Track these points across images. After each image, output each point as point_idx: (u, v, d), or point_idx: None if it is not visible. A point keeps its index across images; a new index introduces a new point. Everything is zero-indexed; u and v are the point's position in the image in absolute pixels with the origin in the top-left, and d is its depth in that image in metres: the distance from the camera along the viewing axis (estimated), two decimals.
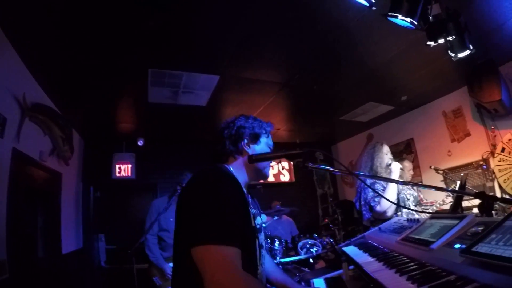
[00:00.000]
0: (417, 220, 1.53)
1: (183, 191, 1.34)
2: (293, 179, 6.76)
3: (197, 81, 3.74)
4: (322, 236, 4.73)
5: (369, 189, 2.83)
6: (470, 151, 4.71)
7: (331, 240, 4.35)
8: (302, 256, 4.03)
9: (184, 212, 1.26)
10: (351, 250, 1.70)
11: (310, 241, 4.30)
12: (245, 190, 1.43)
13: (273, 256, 4.03)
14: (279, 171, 6.75)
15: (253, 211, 1.40)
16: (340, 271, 2.01)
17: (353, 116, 5.55)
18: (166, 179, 5.52)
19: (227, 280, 1.04)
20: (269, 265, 1.62)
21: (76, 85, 3.69)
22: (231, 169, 1.45)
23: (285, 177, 6.78)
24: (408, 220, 1.72)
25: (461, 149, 4.89)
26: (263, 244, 1.46)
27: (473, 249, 0.78)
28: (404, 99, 5.06)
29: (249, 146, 1.49)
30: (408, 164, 4.30)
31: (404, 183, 2.99)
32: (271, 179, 6.61)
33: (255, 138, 1.50)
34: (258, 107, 4.67)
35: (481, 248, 0.76)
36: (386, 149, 3.01)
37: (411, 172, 4.41)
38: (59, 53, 3.08)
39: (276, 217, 4.75)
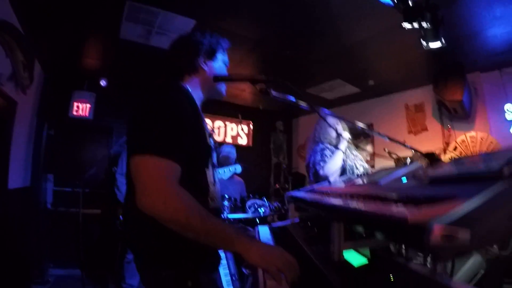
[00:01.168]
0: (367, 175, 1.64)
1: (133, 105, 1.28)
2: (250, 144, 6.80)
3: (173, 23, 3.60)
4: (271, 201, 4.87)
5: (318, 153, 2.95)
6: (424, 144, 5.00)
7: (279, 205, 4.48)
8: (249, 215, 4.12)
9: (130, 125, 1.24)
10: (299, 193, 1.77)
11: (258, 202, 4.41)
12: (200, 108, 1.41)
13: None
14: (238, 134, 6.75)
15: (206, 126, 1.39)
16: (287, 221, 2.10)
17: (319, 91, 5.63)
18: (123, 124, 5.32)
19: (159, 194, 1.02)
20: None
21: (48, 7, 3.37)
22: (188, 87, 1.40)
23: (243, 141, 6.78)
24: (357, 175, 1.84)
25: (416, 141, 5.19)
26: (216, 164, 1.47)
27: None
28: (371, 84, 5.23)
29: (205, 63, 1.44)
30: (369, 148, 4.52)
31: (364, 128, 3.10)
32: (228, 139, 6.62)
33: (211, 54, 1.46)
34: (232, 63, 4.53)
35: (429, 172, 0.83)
36: (330, 121, 3.11)
37: (368, 158, 4.62)
38: None
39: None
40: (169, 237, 1.08)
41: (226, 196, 4.25)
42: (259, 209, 4.26)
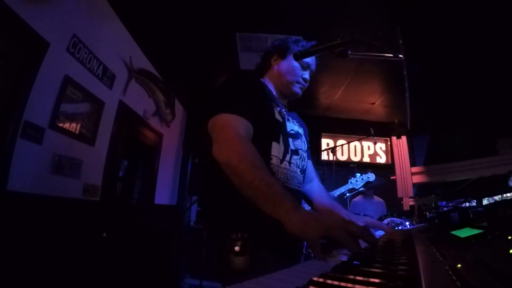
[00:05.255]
0: None
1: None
2: (390, 162, 6.20)
3: None
4: (414, 221, 4.29)
5: None
6: None
7: (423, 224, 3.92)
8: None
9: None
10: None
11: (397, 220, 3.93)
12: (275, 96, 1.51)
13: None
14: (375, 152, 6.31)
15: (278, 109, 1.42)
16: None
17: None
18: None
19: (224, 139, 1.10)
20: (318, 190, 1.66)
21: (175, 55, 4.03)
22: (265, 82, 1.52)
23: (382, 159, 6.30)
24: None
25: None
26: (298, 149, 1.45)
27: None
28: None
29: (276, 61, 1.57)
30: None
31: None
32: (366, 159, 6.27)
33: (283, 53, 1.55)
34: (353, 71, 4.41)
35: None
36: None
37: None
38: (158, 24, 3.54)
39: (362, 189, 4.42)
40: (227, 202, 1.20)
41: (361, 215, 4.05)
42: (396, 227, 3.80)
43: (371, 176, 3.90)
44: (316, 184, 1.66)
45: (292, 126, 1.48)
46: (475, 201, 1.67)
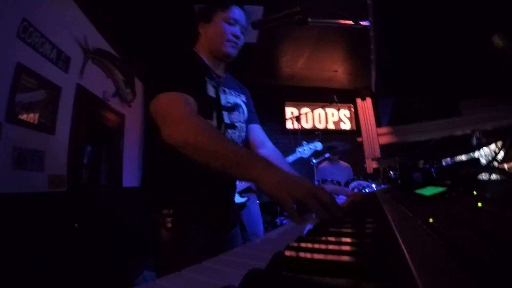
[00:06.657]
0: None
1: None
2: (354, 127, 6.39)
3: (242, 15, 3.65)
4: (380, 183, 4.49)
5: None
6: None
7: (388, 185, 4.12)
8: None
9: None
10: None
11: (363, 183, 4.11)
12: (209, 66, 1.43)
13: None
14: (340, 119, 6.47)
15: (212, 82, 1.37)
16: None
17: None
18: None
19: (174, 120, 1.05)
20: (276, 156, 1.55)
21: (132, 32, 3.85)
22: (197, 52, 1.45)
23: (346, 125, 6.47)
24: None
25: None
26: (234, 122, 1.42)
27: None
28: None
29: (203, 27, 1.46)
30: None
31: None
32: (330, 126, 6.41)
33: (208, 17, 1.44)
34: (315, 39, 4.41)
35: None
36: None
37: None
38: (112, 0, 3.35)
39: (327, 155, 4.52)
40: (164, 181, 1.26)
41: (328, 180, 4.19)
42: (363, 190, 3.98)
43: (318, 145, 3.93)
44: (272, 149, 1.59)
45: (228, 98, 1.43)
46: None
